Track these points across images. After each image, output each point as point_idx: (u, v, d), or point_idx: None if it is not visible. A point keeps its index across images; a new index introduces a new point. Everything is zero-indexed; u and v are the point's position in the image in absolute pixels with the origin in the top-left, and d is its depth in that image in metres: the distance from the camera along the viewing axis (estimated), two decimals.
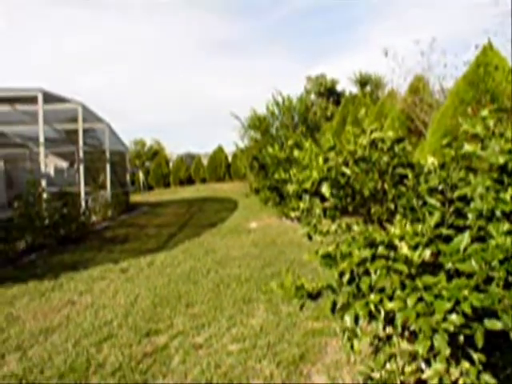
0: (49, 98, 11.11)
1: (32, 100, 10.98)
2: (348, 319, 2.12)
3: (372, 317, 2.08)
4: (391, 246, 2.14)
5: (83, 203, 12.36)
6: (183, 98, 75.69)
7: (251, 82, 72.08)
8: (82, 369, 4.10)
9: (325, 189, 2.83)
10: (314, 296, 2.47)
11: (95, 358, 4.30)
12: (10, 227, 8.60)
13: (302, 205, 3.02)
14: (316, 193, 2.92)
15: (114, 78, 75.15)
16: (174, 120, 78.20)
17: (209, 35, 73.57)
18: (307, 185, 2.86)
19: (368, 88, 29.80)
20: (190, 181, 27.85)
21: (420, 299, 1.88)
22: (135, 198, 20.60)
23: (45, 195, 10.16)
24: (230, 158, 27.37)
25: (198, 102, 76.92)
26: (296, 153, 3.07)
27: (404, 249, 2.07)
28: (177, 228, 12.36)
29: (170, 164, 29.04)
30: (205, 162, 28.22)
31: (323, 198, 2.96)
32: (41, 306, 5.92)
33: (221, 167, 27.12)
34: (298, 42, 70.16)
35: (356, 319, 2.11)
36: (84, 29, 69.44)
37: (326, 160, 2.90)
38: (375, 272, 2.07)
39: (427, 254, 2.04)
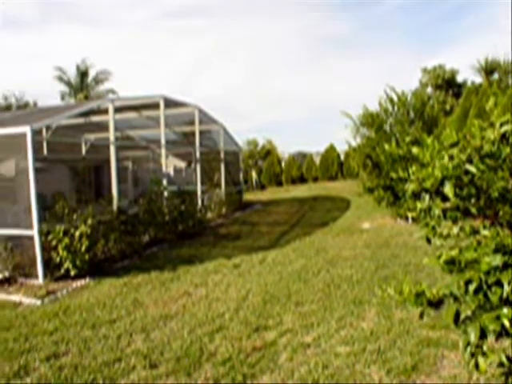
0: (169, 103, 11.96)
1: (154, 106, 11.91)
2: (473, 333, 1.90)
3: (503, 333, 1.84)
4: None
5: (199, 201, 13.07)
6: (294, 97, 76.11)
7: (362, 78, 69.91)
8: (196, 355, 4.33)
9: (448, 188, 2.59)
10: (435, 304, 2.26)
11: (207, 347, 4.51)
12: (136, 222, 9.40)
13: (419, 205, 2.81)
14: (437, 192, 2.69)
15: (227, 80, 78.32)
16: (286, 119, 79.04)
17: (316, 32, 72.75)
18: (428, 184, 2.64)
19: (496, 76, 26.95)
20: (301, 179, 27.92)
21: None
22: (248, 196, 21.25)
23: (165, 193, 10.93)
24: (342, 157, 26.90)
25: (309, 101, 76.70)
26: (415, 150, 2.85)
27: None
28: (288, 226, 12.47)
29: (282, 163, 29.43)
30: (317, 160, 28.09)
31: (443, 198, 2.71)
32: (161, 295, 6.38)
33: (333, 166, 26.75)
34: (410, 33, 66.35)
35: (482, 333, 1.88)
36: (198, 34, 73.48)
37: (451, 157, 2.65)
38: (509, 283, 1.83)
39: None
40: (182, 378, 3.92)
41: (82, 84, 33.98)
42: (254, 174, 28.15)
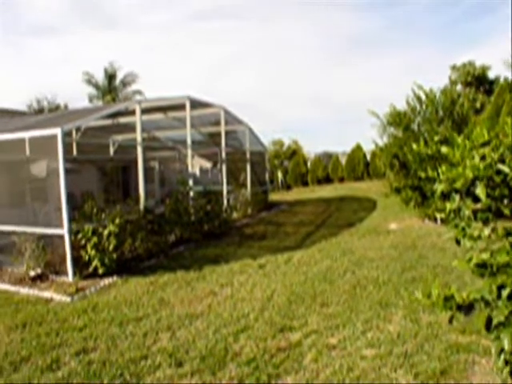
0: (194, 103, 12.06)
1: (180, 107, 12.03)
2: (506, 339, 1.84)
3: None
4: None
5: (225, 201, 13.13)
6: (320, 97, 75.70)
7: (389, 77, 69.03)
8: (221, 355, 4.35)
9: (480, 189, 2.51)
10: (465, 308, 2.20)
11: (232, 347, 4.53)
12: (162, 221, 9.52)
13: (448, 205, 2.74)
14: (467, 193, 2.62)
15: (252, 80, 78.49)
16: (311, 120, 78.66)
17: (343, 32, 72.18)
18: (458, 184, 2.57)
19: None
20: (327, 180, 27.72)
21: None
22: (274, 196, 21.23)
23: (191, 193, 11.03)
24: (368, 157, 26.57)
25: (335, 101, 76.18)
26: (444, 149, 2.78)
27: None
28: (314, 227, 12.39)
29: (308, 163, 29.29)
30: (343, 160, 27.83)
31: (474, 199, 2.64)
32: (187, 294, 6.44)
33: (359, 166, 26.45)
34: (439, 31, 64.95)
35: None
36: (223, 35, 73.87)
37: (482, 157, 2.57)
38: None
39: None
40: (206, 376, 3.95)
41: (109, 86, 34.64)
42: (279, 174, 28.11)
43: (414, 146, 3.39)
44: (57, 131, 7.30)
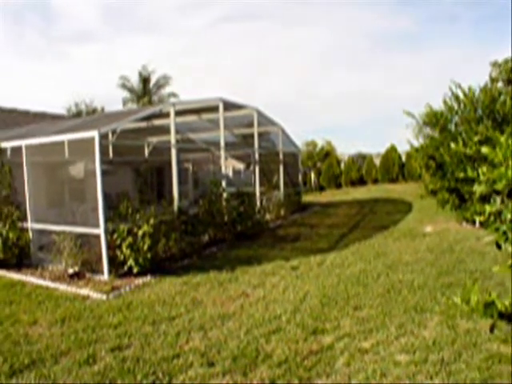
0: (228, 105, 12.13)
1: (214, 109, 12.14)
2: None
3: None
4: None
5: (258, 202, 13.14)
6: (354, 97, 74.74)
7: (425, 76, 67.31)
8: (252, 356, 4.35)
9: None
10: (508, 317, 2.10)
11: (264, 348, 4.52)
12: (196, 222, 9.62)
13: (488, 208, 2.63)
14: (509, 195, 2.51)
15: (286, 81, 78.42)
16: (345, 120, 77.94)
17: (377, 29, 70.80)
18: (500, 185, 2.46)
19: None
20: (361, 181, 27.30)
21: None
22: (307, 198, 21.09)
23: (224, 194, 11.10)
24: (403, 158, 26.00)
25: (369, 101, 75.05)
26: (485, 149, 2.67)
27: None
28: (347, 229, 12.24)
29: (342, 164, 28.95)
30: (377, 162, 27.35)
31: None
32: (219, 294, 6.48)
33: (394, 167, 25.91)
34: (477, 25, 62.79)
35: None
36: (256, 36, 74.13)
37: None
38: None
39: None
40: (237, 377, 3.96)
41: (144, 89, 35.37)
42: (312, 176, 27.93)
43: (453, 146, 3.28)
44: (94, 134, 7.50)
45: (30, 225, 8.82)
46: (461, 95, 11.82)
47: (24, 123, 16.73)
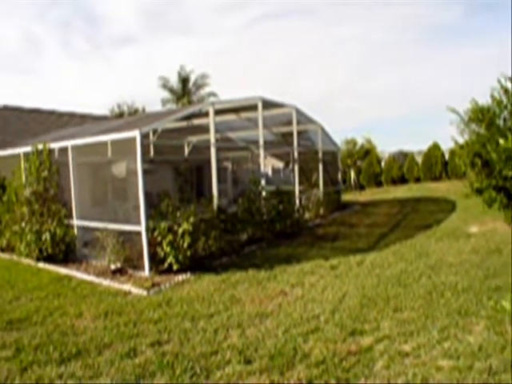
0: (267, 104, 12.13)
1: (253, 107, 12.17)
2: None
3: None
4: None
5: (297, 201, 13.07)
6: (395, 93, 73.13)
7: (470, 70, 64.79)
8: (290, 355, 4.33)
9: None
10: None
11: (302, 348, 4.50)
12: (235, 221, 9.68)
13: None
14: None
15: (325, 78, 77.53)
16: (386, 118, 76.24)
17: (420, 23, 68.61)
18: None
19: None
20: (402, 180, 26.63)
21: None
22: (346, 196, 20.81)
23: (264, 193, 11.11)
24: (446, 156, 25.14)
25: (411, 97, 73.06)
26: None
27: None
28: (388, 228, 11.98)
29: (382, 163, 28.34)
30: (419, 160, 26.59)
31: None
32: (257, 293, 6.50)
33: (436, 165, 25.08)
34: None
35: None
36: (296, 34, 73.68)
37: None
38: None
39: None
40: (275, 376, 3.95)
41: (183, 90, 35.96)
42: (352, 174, 27.52)
43: (502, 142, 3.13)
44: (135, 134, 7.70)
45: (75, 222, 9.18)
46: (511, 88, 11.25)
47: (70, 125, 17.42)
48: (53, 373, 4.22)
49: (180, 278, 7.49)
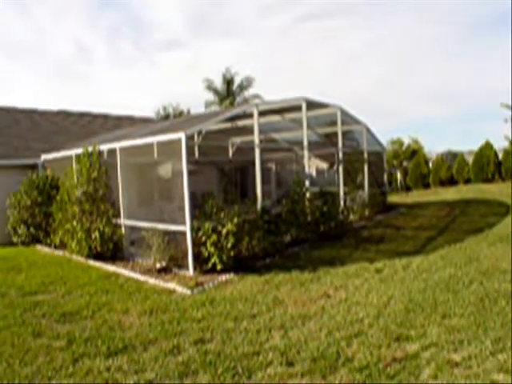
0: (311, 104, 12.03)
1: (297, 108, 12.10)
2: None
3: None
4: None
5: (342, 202, 12.88)
6: (441, 92, 70.52)
7: None
8: (332, 358, 4.27)
9: None
10: None
11: (344, 352, 4.42)
12: (278, 222, 9.66)
13: None
14: None
15: (370, 78, 76.05)
16: (433, 117, 73.79)
17: (466, 16, 65.67)
18: None
19: None
20: (451, 181, 25.63)
21: None
22: (392, 198, 20.30)
23: (308, 194, 11.03)
24: (500, 156, 23.96)
25: (460, 95, 70.38)
26: None
27: None
28: (436, 231, 11.57)
29: (430, 163, 27.42)
30: (469, 160, 25.52)
31: None
32: (300, 295, 6.45)
33: (488, 166, 23.94)
34: None
35: None
36: (340, 34, 72.66)
37: None
38: None
39: None
40: (316, 379, 3.90)
41: (227, 91, 36.33)
42: (398, 176, 26.82)
43: None
44: (181, 135, 7.84)
45: (122, 221, 9.47)
46: None
47: (118, 127, 18.04)
48: (101, 365, 4.40)
49: (223, 277, 7.55)
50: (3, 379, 4.24)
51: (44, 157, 13.07)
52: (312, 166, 19.98)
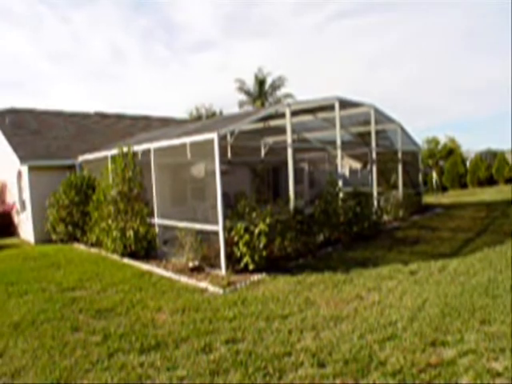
0: (344, 104, 11.89)
1: (329, 108, 11.98)
2: None
3: None
4: None
5: (375, 203, 12.66)
6: (480, 89, 68.25)
7: None
8: (365, 361, 4.20)
9: None
10: None
11: (377, 355, 4.34)
12: (311, 222, 9.59)
13: None
14: None
15: (406, 75, 74.43)
16: (472, 115, 71.52)
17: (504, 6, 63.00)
18: None
19: None
20: (491, 181, 24.83)
21: None
22: (428, 198, 19.82)
23: (341, 194, 10.90)
24: None
25: (498, 93, 67.83)
26: None
27: None
28: (474, 233, 11.20)
29: (467, 163, 26.61)
30: (510, 159, 24.60)
31: None
32: (333, 296, 6.38)
33: None
34: None
35: None
36: (373, 31, 71.49)
37: None
38: None
39: None
40: (348, 381, 3.85)
41: (260, 91, 36.41)
42: (434, 175, 26.16)
43: None
44: (213, 136, 7.91)
45: (156, 220, 9.64)
46: None
47: (152, 128, 18.37)
48: (135, 361, 4.50)
49: (255, 277, 7.57)
50: (46, 369, 4.43)
51: (81, 157, 13.48)
52: (345, 165, 19.77)
